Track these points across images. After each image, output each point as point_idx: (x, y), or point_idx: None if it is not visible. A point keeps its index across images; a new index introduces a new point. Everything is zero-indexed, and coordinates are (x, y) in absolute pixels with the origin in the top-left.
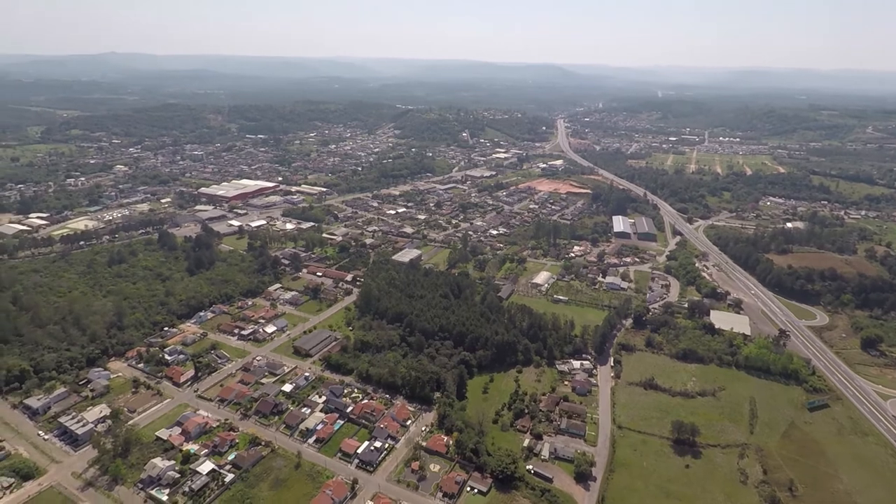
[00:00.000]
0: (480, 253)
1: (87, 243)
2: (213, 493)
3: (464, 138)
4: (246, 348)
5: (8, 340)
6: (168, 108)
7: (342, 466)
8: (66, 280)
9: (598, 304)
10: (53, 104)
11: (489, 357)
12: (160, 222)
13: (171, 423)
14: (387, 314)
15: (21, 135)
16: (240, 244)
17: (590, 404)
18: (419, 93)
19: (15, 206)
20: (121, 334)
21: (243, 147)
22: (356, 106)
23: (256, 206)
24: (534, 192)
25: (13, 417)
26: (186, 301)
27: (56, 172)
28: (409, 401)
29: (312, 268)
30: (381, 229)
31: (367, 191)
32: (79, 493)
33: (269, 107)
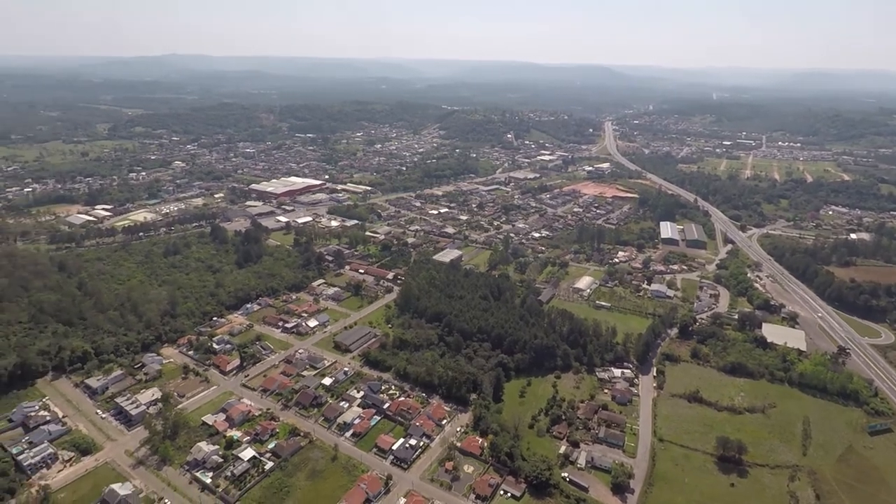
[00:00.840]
0: (522, 255)
1: (145, 234)
2: (254, 480)
3: (508, 140)
4: (289, 341)
5: (73, 323)
6: (223, 107)
7: (377, 462)
8: (126, 269)
9: (642, 312)
10: (120, 103)
11: (527, 361)
12: (213, 216)
13: (216, 410)
14: (426, 313)
15: (90, 131)
16: (286, 240)
17: (630, 414)
18: (465, 93)
19: (83, 197)
20: (173, 322)
21: (292, 145)
22: (402, 106)
23: (303, 203)
24: (578, 196)
25: (75, 395)
26: (235, 293)
27: (120, 167)
28: (445, 400)
29: (355, 265)
30: (423, 229)
31: (410, 190)
32: (130, 471)
33: (319, 107)
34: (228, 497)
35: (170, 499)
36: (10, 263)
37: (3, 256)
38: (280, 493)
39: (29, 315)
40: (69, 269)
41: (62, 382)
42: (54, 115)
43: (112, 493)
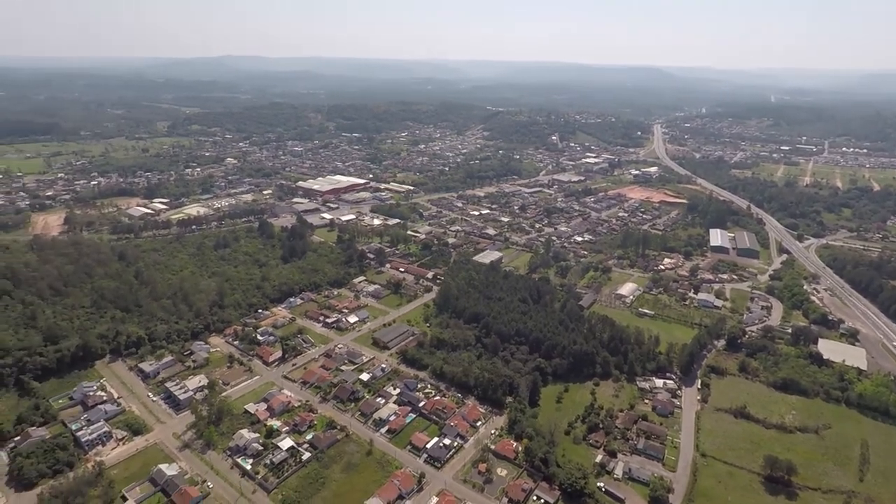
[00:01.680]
0: (563, 259)
1: (198, 228)
2: (291, 469)
3: (553, 141)
4: (329, 335)
5: (130, 310)
6: (274, 106)
7: (411, 459)
8: (179, 260)
9: (688, 322)
10: (179, 102)
11: (565, 366)
12: (261, 212)
13: (258, 399)
14: (464, 314)
15: (151, 129)
16: (330, 236)
17: (671, 426)
18: (510, 95)
19: (142, 191)
20: (221, 312)
21: (339, 145)
22: (447, 107)
23: (347, 201)
24: (624, 200)
25: (129, 378)
26: (279, 287)
27: (177, 163)
28: (481, 402)
29: (395, 263)
30: (463, 229)
31: (452, 191)
32: (177, 453)
33: (365, 107)
34: (267, 484)
35: (212, 482)
36: (76, 251)
37: (70, 245)
38: (316, 483)
39: (91, 300)
40: (128, 259)
41: (118, 365)
42: (119, 112)
43: (160, 473)
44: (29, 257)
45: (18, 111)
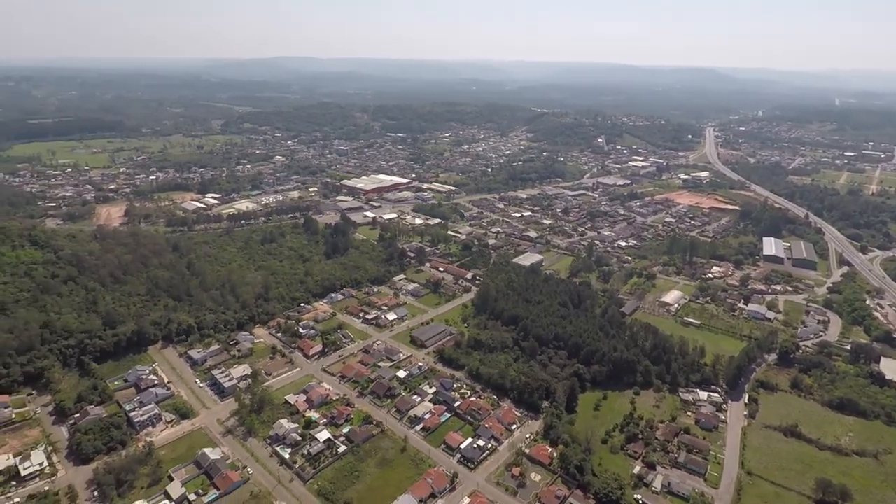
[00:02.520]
0: (606, 264)
1: (246, 222)
2: (327, 461)
3: (599, 144)
4: (368, 332)
5: (181, 299)
6: (322, 106)
7: (444, 458)
8: (228, 253)
9: (736, 333)
10: (232, 101)
11: (605, 373)
12: (306, 209)
13: (298, 391)
14: (502, 315)
15: (206, 126)
16: (372, 234)
17: (715, 441)
18: (556, 96)
19: (196, 186)
20: (266, 305)
21: (383, 144)
22: (491, 108)
23: (390, 199)
24: (671, 205)
25: (179, 364)
26: (321, 282)
27: (229, 160)
28: (517, 405)
29: (435, 262)
30: (504, 231)
31: (494, 192)
32: (220, 438)
33: (410, 107)
34: (304, 474)
35: (252, 468)
36: (134, 242)
37: (129, 235)
38: (351, 476)
39: (146, 288)
40: (181, 250)
41: (169, 351)
42: (178, 111)
43: (204, 456)
44: (92, 246)
45: (88, 109)
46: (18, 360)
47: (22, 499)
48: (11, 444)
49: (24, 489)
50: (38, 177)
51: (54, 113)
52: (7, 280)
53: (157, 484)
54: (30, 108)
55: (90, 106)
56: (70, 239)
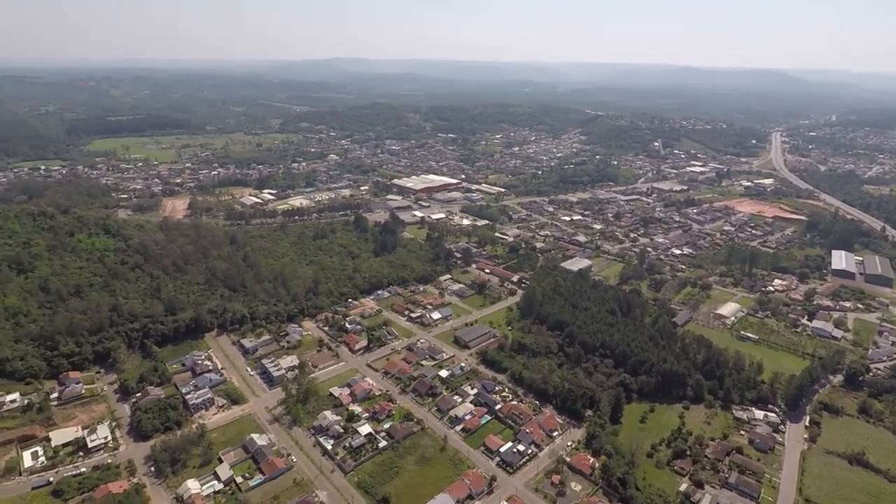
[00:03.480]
0: (658, 272)
1: (300, 218)
2: (368, 454)
3: (655, 148)
4: (412, 330)
5: (236, 290)
6: (376, 106)
7: (483, 460)
8: (281, 247)
9: (798, 351)
10: (290, 101)
11: (652, 385)
12: (357, 207)
13: (342, 384)
14: (548, 320)
15: (265, 125)
16: (420, 234)
17: (770, 464)
18: (610, 98)
19: (254, 182)
20: (315, 299)
21: (434, 145)
22: (543, 110)
23: (439, 200)
24: (731, 213)
25: (231, 352)
26: (369, 279)
27: (285, 157)
28: (559, 412)
29: (482, 264)
30: (553, 234)
31: (544, 195)
32: (267, 425)
33: (461, 108)
34: (345, 466)
35: (296, 456)
36: (195, 234)
37: (191, 227)
38: (390, 471)
39: (205, 278)
40: (238, 243)
41: (223, 339)
42: (240, 110)
43: (251, 442)
44: (158, 236)
45: (158, 107)
46: (90, 339)
47: (88, 468)
48: (81, 417)
49: (90, 460)
50: (113, 170)
51: (129, 111)
52: (83, 265)
53: (208, 465)
54: (108, 107)
55: (161, 104)
56: (139, 229)
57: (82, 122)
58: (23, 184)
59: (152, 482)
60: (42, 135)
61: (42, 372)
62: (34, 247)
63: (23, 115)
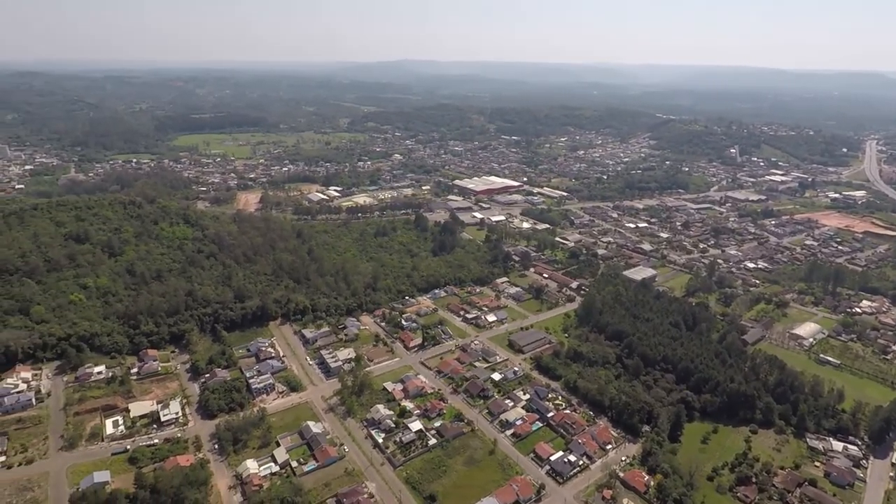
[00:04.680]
0: (728, 286)
1: (362, 215)
2: (417, 451)
3: (731, 154)
4: (467, 330)
5: (300, 281)
6: (441, 107)
7: (532, 467)
8: (344, 243)
9: (886, 380)
10: (359, 101)
11: (717, 405)
12: (418, 206)
13: (395, 379)
14: (606, 329)
15: (334, 124)
16: (479, 235)
17: (848, 501)
18: (685, 102)
19: (321, 179)
20: (373, 294)
21: (497, 146)
22: (611, 113)
23: (499, 202)
24: (815, 226)
25: (293, 341)
26: (426, 277)
27: (352, 156)
28: (614, 425)
29: (540, 268)
30: (616, 241)
31: (608, 200)
32: (322, 414)
33: (526, 110)
34: (394, 460)
35: (348, 446)
36: (265, 226)
37: (261, 220)
38: (438, 469)
39: (272, 269)
40: (304, 237)
41: (286, 328)
42: (311, 109)
43: (307, 429)
44: (231, 227)
45: (237, 106)
46: (167, 321)
47: (160, 440)
48: (156, 392)
49: (162, 432)
50: (195, 164)
51: (211, 109)
52: (164, 251)
53: (266, 447)
54: (192, 105)
55: (240, 103)
56: (214, 220)
57: (170, 119)
58: (117, 175)
59: (215, 458)
60: (135, 130)
61: (125, 348)
62: (124, 233)
63: (120, 112)
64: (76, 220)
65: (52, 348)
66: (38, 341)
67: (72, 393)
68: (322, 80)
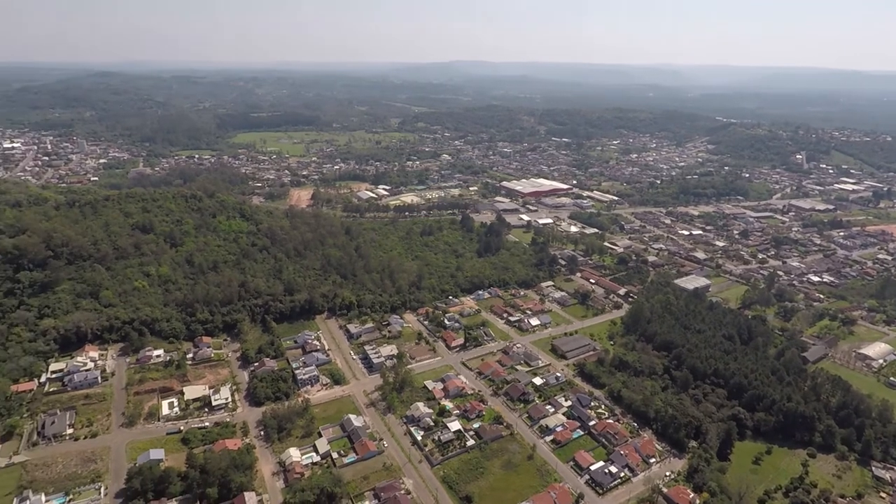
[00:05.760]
0: (789, 299)
1: (409, 214)
2: (455, 451)
3: (796, 161)
4: (509, 333)
5: (347, 277)
6: (490, 108)
7: (572, 476)
8: (391, 241)
9: None
10: (410, 101)
11: (771, 424)
12: (465, 206)
13: (436, 378)
14: (654, 339)
15: (385, 124)
16: (525, 237)
17: None
18: (748, 105)
19: (371, 177)
20: (417, 293)
21: (546, 148)
22: (668, 116)
23: (547, 204)
24: (890, 239)
25: (338, 335)
26: (471, 278)
27: (401, 155)
28: (659, 438)
29: (587, 273)
30: (668, 248)
31: (661, 206)
32: (364, 408)
33: (578, 112)
34: (432, 458)
35: (387, 441)
36: (315, 222)
37: (312, 217)
38: (475, 471)
39: (320, 264)
40: (352, 234)
41: (332, 322)
42: (363, 109)
43: (348, 422)
44: (284, 222)
45: (293, 105)
46: (221, 310)
47: (210, 423)
48: (208, 377)
49: (212, 416)
50: (251, 161)
51: (269, 108)
52: (220, 244)
53: (309, 437)
54: (252, 104)
55: (296, 103)
56: (268, 215)
57: (230, 117)
58: (180, 169)
59: (261, 444)
60: (198, 127)
61: (182, 334)
62: (184, 225)
63: (185, 111)
64: (143, 211)
65: (118, 331)
66: (106, 324)
67: (133, 374)
68: (375, 80)
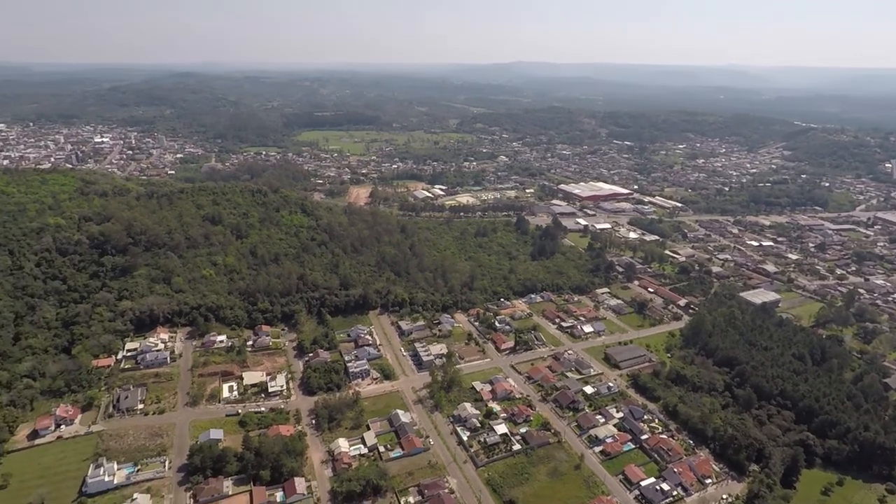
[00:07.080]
0: (870, 320)
1: (464, 215)
2: (501, 454)
3: (885, 170)
4: (561, 339)
5: (400, 275)
6: (551, 110)
7: (620, 490)
8: (445, 240)
9: None
10: (468, 102)
11: (845, 453)
12: (520, 209)
13: (484, 380)
14: (715, 354)
15: (443, 124)
16: (581, 242)
17: None
18: (831, 109)
19: (427, 177)
20: (469, 294)
21: (607, 152)
22: (739, 119)
23: (605, 209)
24: None
25: (389, 331)
26: (523, 281)
27: (458, 156)
28: (716, 458)
29: (645, 282)
30: (734, 259)
31: (729, 214)
32: (411, 404)
33: (642, 114)
34: (477, 459)
35: (433, 439)
36: (372, 220)
37: (369, 214)
38: (520, 476)
39: (375, 261)
40: (407, 233)
41: (384, 318)
42: (423, 109)
43: (396, 417)
44: (342, 219)
45: (355, 105)
46: (280, 300)
47: (266, 409)
48: (266, 364)
49: (268, 402)
50: (314, 158)
51: (332, 107)
52: (282, 237)
53: (357, 429)
54: (316, 103)
55: (358, 103)
56: (328, 211)
57: (296, 116)
58: (248, 165)
59: (312, 433)
60: (266, 125)
61: (243, 321)
62: (250, 218)
63: (254, 109)
64: (213, 203)
65: (186, 315)
66: (176, 308)
67: (198, 357)
68: (435, 81)
